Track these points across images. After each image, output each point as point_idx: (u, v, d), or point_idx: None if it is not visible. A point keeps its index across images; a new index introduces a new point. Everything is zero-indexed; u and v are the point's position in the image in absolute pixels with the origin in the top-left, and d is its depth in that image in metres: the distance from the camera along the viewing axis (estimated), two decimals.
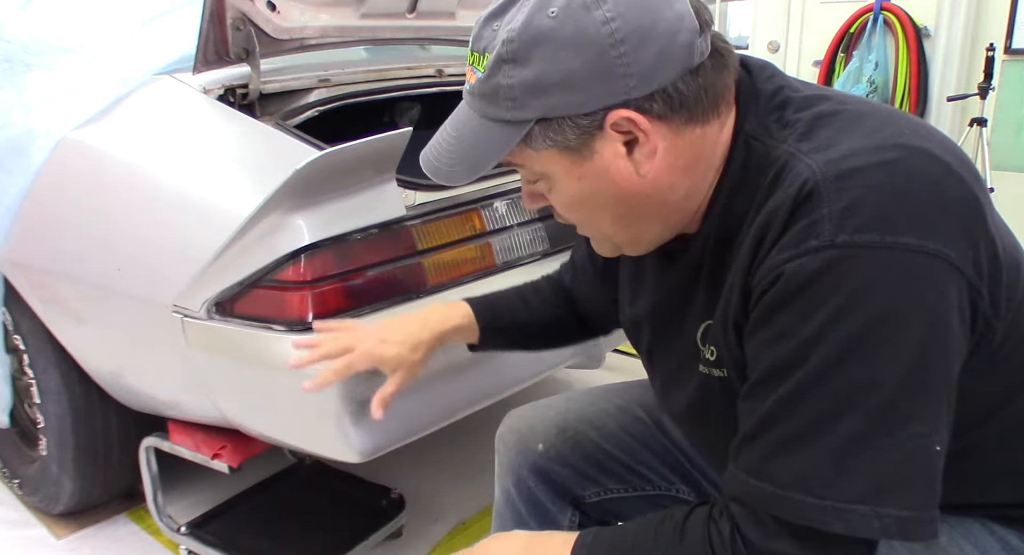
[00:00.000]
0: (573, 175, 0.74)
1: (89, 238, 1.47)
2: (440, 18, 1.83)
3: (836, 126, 0.71)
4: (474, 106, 0.74)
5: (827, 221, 0.64)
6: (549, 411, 1.17)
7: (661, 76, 0.68)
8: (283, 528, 1.71)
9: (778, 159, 0.71)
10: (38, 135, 1.50)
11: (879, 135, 0.68)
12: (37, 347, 1.67)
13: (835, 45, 3.66)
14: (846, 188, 0.64)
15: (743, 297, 0.72)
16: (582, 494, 1.13)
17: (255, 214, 1.22)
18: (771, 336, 0.67)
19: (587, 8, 0.67)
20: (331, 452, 1.34)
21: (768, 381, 0.68)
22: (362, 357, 1.05)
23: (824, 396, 0.64)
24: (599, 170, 0.73)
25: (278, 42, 1.49)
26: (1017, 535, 0.82)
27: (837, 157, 0.67)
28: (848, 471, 0.64)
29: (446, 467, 2.04)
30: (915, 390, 0.64)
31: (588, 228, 0.83)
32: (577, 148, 0.72)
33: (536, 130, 0.72)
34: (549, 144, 0.72)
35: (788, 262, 0.65)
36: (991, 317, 0.69)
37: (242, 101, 1.47)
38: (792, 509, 0.65)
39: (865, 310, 0.63)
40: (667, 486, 1.12)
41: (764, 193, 0.71)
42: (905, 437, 0.63)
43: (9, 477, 1.92)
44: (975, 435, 0.75)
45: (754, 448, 0.68)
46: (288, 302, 1.26)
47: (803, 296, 0.64)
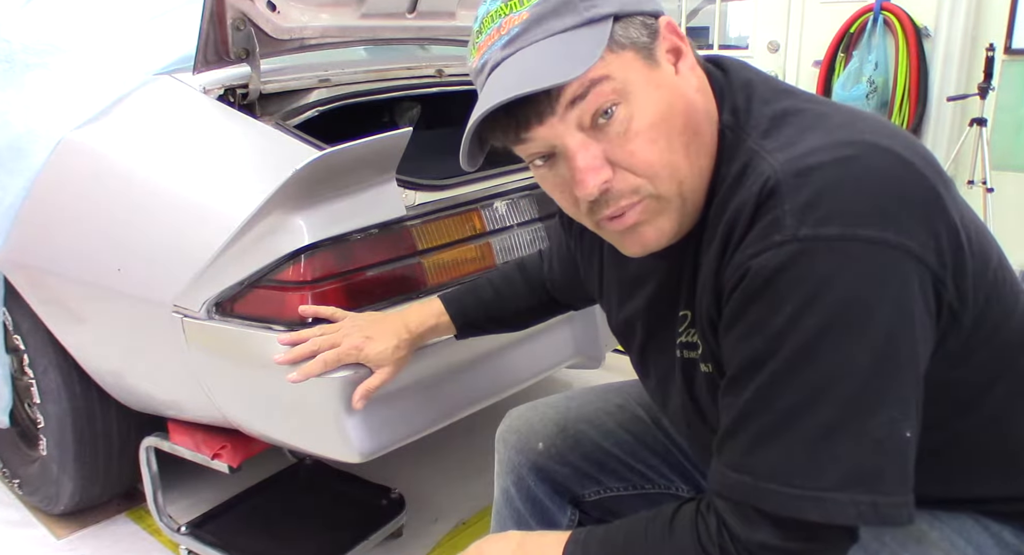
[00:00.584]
0: (652, 82, 0.72)
1: (89, 238, 1.47)
2: (440, 18, 1.83)
3: (797, 125, 0.72)
4: (538, 35, 0.70)
5: (789, 216, 0.65)
6: (549, 410, 1.17)
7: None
8: (283, 528, 1.71)
9: (743, 155, 0.73)
10: (38, 135, 1.50)
11: (839, 133, 0.70)
12: (37, 347, 1.67)
13: (835, 45, 3.66)
14: (805, 183, 0.66)
15: (715, 294, 0.73)
16: (582, 493, 1.13)
17: (255, 214, 1.22)
18: (743, 331, 0.69)
19: None
20: (331, 452, 1.35)
21: (743, 376, 0.69)
22: (349, 352, 1.11)
23: (795, 387, 0.66)
24: (669, 78, 0.73)
25: (278, 42, 1.49)
26: (1012, 531, 0.82)
27: (797, 155, 0.68)
28: (822, 460, 0.65)
29: (446, 467, 2.04)
30: (883, 378, 0.65)
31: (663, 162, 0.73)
32: (650, 49, 0.72)
33: (616, 28, 0.71)
34: (628, 43, 0.71)
35: (753, 258, 0.67)
36: (957, 307, 0.70)
37: (242, 101, 1.47)
38: (772, 500, 0.67)
39: (830, 301, 0.64)
40: (667, 485, 1.13)
41: (728, 192, 0.72)
42: (876, 424, 0.65)
43: (9, 477, 1.92)
44: (958, 425, 0.76)
45: (734, 442, 0.70)
46: (288, 302, 1.26)
47: (769, 290, 0.66)
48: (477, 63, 0.75)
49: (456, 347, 1.37)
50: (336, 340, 1.12)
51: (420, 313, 1.18)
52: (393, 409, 1.35)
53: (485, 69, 0.73)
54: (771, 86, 0.79)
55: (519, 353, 1.57)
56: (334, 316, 1.20)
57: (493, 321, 1.25)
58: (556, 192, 0.78)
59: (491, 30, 0.72)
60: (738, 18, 4.38)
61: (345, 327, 1.15)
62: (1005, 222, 3.27)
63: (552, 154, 0.74)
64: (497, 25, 0.72)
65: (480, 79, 0.75)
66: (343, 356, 1.11)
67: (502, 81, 0.71)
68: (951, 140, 3.48)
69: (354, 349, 1.11)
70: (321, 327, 1.16)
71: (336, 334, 1.13)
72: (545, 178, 0.78)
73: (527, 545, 0.82)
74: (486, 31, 0.73)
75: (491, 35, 0.72)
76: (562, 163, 0.74)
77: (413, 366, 1.32)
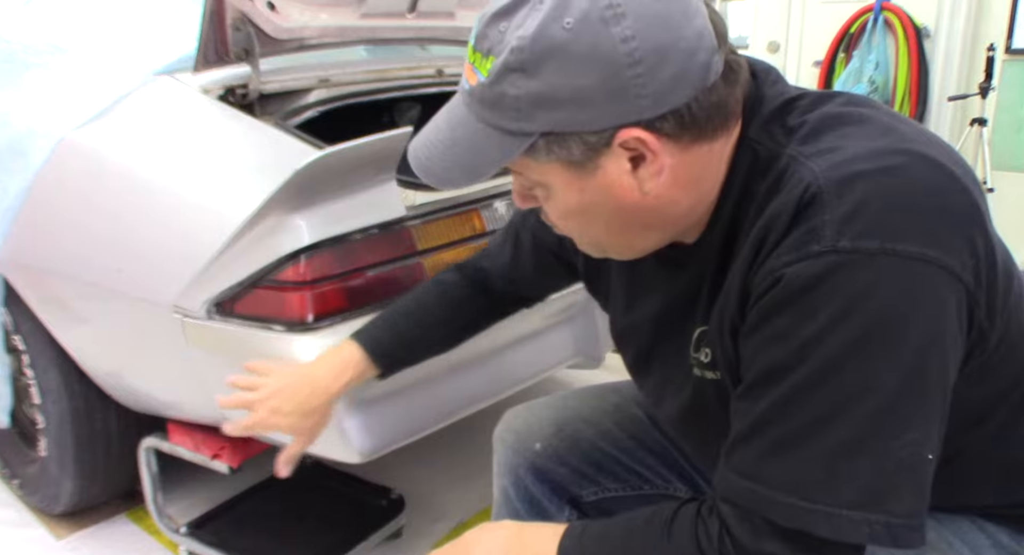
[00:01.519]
0: (574, 188, 0.72)
1: (89, 238, 1.47)
2: (440, 18, 1.83)
3: (839, 130, 0.70)
4: (473, 109, 0.71)
5: (829, 226, 0.64)
6: (546, 410, 1.17)
7: (675, 97, 0.66)
8: (283, 528, 1.71)
9: (780, 163, 0.70)
10: (38, 135, 1.50)
11: (883, 140, 0.68)
12: (37, 347, 1.66)
13: (835, 45, 3.66)
14: (848, 193, 0.64)
15: (740, 298, 0.71)
16: (580, 493, 1.13)
17: (255, 214, 1.22)
18: (768, 337, 0.67)
19: (606, 23, 0.64)
20: (331, 452, 1.35)
21: (763, 382, 0.67)
22: (259, 425, 1.07)
23: (819, 399, 0.64)
24: (602, 185, 0.71)
25: (278, 42, 1.49)
26: (1008, 533, 0.82)
27: (840, 161, 0.66)
28: (840, 476, 0.64)
29: (446, 467, 2.04)
30: (911, 398, 0.63)
31: (579, 235, 0.81)
32: (581, 163, 0.70)
33: (540, 143, 0.69)
34: (553, 158, 0.70)
35: (789, 266, 0.65)
36: (986, 327, 0.69)
37: (242, 101, 1.47)
38: (782, 511, 0.65)
39: (864, 315, 0.62)
40: (665, 485, 1.13)
41: (764, 197, 0.70)
42: (899, 445, 0.63)
43: (9, 477, 1.92)
44: (964, 441, 0.75)
45: (746, 449, 0.68)
46: (288, 302, 1.26)
47: (802, 299, 0.64)
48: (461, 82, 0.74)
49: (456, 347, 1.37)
50: (251, 404, 1.07)
51: (332, 370, 1.08)
52: (393, 409, 1.35)
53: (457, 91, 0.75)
54: (807, 97, 0.76)
55: (519, 353, 1.57)
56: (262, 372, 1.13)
57: (420, 352, 1.17)
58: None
59: (465, 64, 0.72)
60: (738, 18, 4.38)
61: (262, 393, 1.08)
62: (1005, 222, 3.25)
63: None
64: (469, 62, 0.71)
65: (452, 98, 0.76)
66: (254, 426, 1.07)
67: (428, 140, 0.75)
68: (951, 140, 3.49)
69: (262, 423, 1.06)
70: (249, 381, 1.11)
71: (253, 397, 1.08)
72: None
73: (523, 535, 0.81)
74: (468, 58, 0.72)
75: (465, 69, 0.72)
76: None
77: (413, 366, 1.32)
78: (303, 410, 1.06)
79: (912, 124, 0.73)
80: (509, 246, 1.15)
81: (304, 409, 1.06)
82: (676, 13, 0.65)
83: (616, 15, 0.64)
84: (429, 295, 1.17)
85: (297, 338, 1.25)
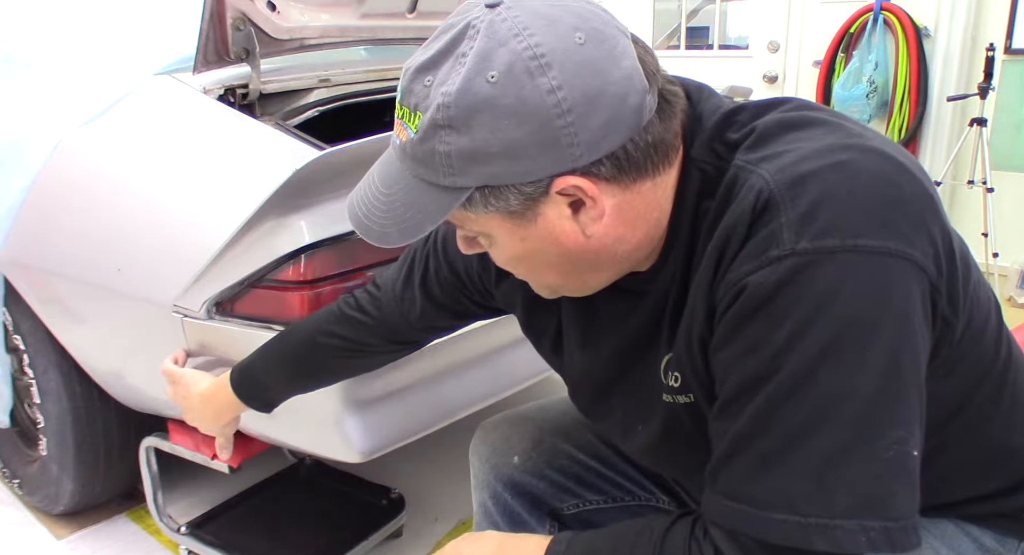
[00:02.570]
0: (516, 236, 0.71)
1: (89, 238, 1.47)
2: (440, 18, 1.83)
3: (783, 135, 0.69)
4: (406, 164, 0.70)
5: (786, 229, 0.62)
6: (523, 422, 1.14)
7: (609, 142, 0.65)
8: (283, 528, 1.71)
9: (728, 176, 0.69)
10: (38, 135, 1.50)
11: (828, 138, 0.67)
12: (37, 347, 1.67)
13: (835, 45, 3.66)
14: (801, 194, 0.63)
15: (707, 314, 0.70)
16: (560, 506, 1.10)
17: (255, 214, 1.22)
18: (738, 351, 0.65)
19: (531, 75, 0.62)
20: (331, 452, 1.35)
21: (738, 399, 0.65)
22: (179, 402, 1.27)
23: (797, 409, 0.62)
24: (543, 232, 0.70)
25: (278, 42, 1.49)
26: (992, 536, 0.81)
27: (788, 163, 0.65)
28: (830, 486, 0.62)
29: (446, 467, 2.04)
30: (889, 396, 0.62)
31: (530, 279, 0.80)
32: (521, 212, 0.68)
33: (476, 196, 0.67)
34: (491, 210, 0.68)
35: (750, 274, 0.64)
36: (950, 316, 0.68)
37: (242, 101, 1.47)
38: (775, 530, 0.63)
39: (833, 317, 0.61)
40: (647, 497, 1.11)
41: (717, 211, 0.69)
42: (884, 445, 0.62)
43: (9, 477, 1.92)
44: (939, 436, 0.74)
45: (730, 470, 0.66)
46: (288, 302, 1.26)
47: (768, 307, 0.63)
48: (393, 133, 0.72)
49: (456, 347, 1.37)
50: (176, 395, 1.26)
51: (217, 408, 1.21)
52: (393, 409, 1.35)
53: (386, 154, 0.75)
54: (746, 109, 0.74)
55: (519, 353, 1.57)
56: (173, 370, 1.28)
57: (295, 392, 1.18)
58: None
59: (396, 119, 0.70)
60: (738, 18, 4.38)
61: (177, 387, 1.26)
62: (1005, 222, 3.27)
63: None
64: (398, 118, 0.69)
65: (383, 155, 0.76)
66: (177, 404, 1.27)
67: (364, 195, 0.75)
68: (951, 140, 3.48)
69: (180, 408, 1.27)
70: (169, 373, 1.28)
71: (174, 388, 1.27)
72: None
73: (506, 547, 0.79)
74: (396, 112, 0.70)
75: (397, 123, 0.70)
76: None
77: (413, 366, 1.32)
78: (213, 428, 1.26)
79: (856, 122, 0.72)
80: (416, 294, 1.05)
81: (213, 427, 1.26)
82: (602, 58, 0.64)
83: (541, 65, 0.62)
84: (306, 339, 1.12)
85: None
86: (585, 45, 0.63)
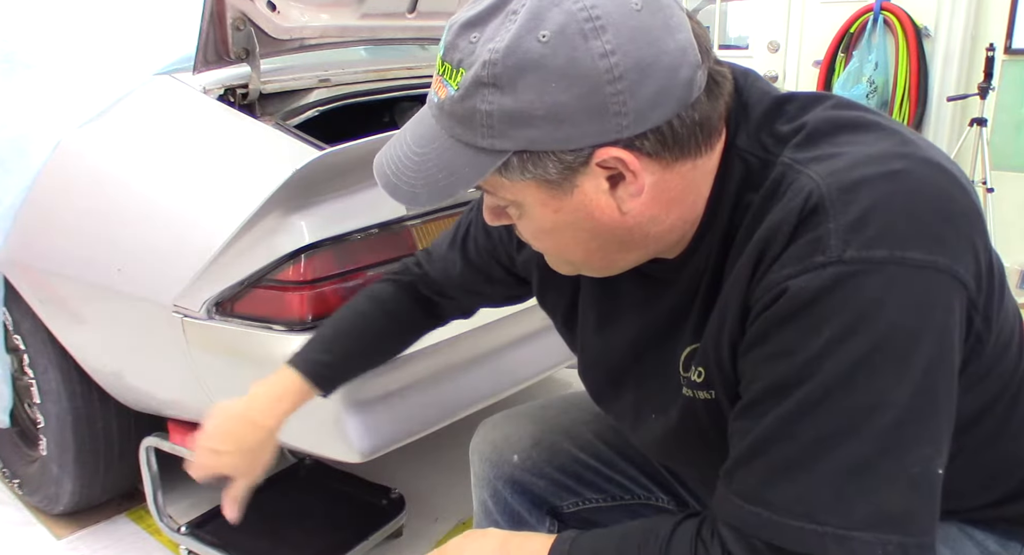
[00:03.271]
0: (549, 207, 0.69)
1: (89, 238, 1.47)
2: (440, 18, 1.83)
3: (834, 136, 0.68)
4: (443, 123, 0.67)
5: (834, 236, 0.61)
6: (523, 421, 1.14)
7: (657, 115, 0.63)
8: (283, 528, 1.71)
9: (775, 172, 0.68)
10: (38, 135, 1.50)
11: (881, 144, 0.66)
12: (37, 347, 1.67)
13: (835, 45, 3.66)
14: (853, 201, 0.61)
15: (740, 313, 0.68)
16: (560, 504, 1.10)
17: (255, 214, 1.22)
18: (771, 353, 0.64)
19: (584, 37, 0.60)
20: (331, 452, 1.35)
21: (765, 400, 0.64)
22: (201, 468, 1.06)
23: (827, 417, 0.61)
24: (579, 205, 0.68)
25: (278, 42, 1.49)
26: (996, 540, 0.81)
27: (841, 168, 0.64)
28: (851, 496, 0.61)
29: (446, 467, 2.04)
30: (921, 413, 0.61)
31: (553, 254, 0.78)
32: (558, 182, 0.66)
33: (514, 161, 0.65)
34: (527, 177, 0.66)
35: (792, 278, 0.62)
36: (983, 332, 0.67)
37: (242, 101, 1.47)
38: (790, 536, 0.62)
39: (873, 328, 0.60)
40: (646, 495, 1.10)
41: (760, 207, 0.68)
42: (911, 461, 0.61)
43: (9, 477, 1.92)
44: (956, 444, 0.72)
45: (749, 471, 0.65)
46: (288, 302, 1.26)
47: (808, 313, 0.61)
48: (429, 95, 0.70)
49: (456, 347, 1.37)
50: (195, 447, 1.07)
51: (269, 401, 1.06)
52: (393, 409, 1.35)
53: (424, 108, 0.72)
54: (795, 101, 0.73)
55: (519, 353, 1.57)
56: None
57: (363, 367, 1.15)
58: None
59: (435, 75, 0.68)
60: (738, 18, 4.37)
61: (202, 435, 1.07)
62: (1005, 222, 3.27)
63: None
64: (438, 74, 0.67)
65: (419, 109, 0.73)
66: (197, 469, 1.07)
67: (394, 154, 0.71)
68: (951, 140, 3.48)
69: (203, 467, 1.06)
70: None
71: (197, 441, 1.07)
72: None
73: (509, 545, 0.78)
74: (436, 68, 0.68)
75: (436, 80, 0.68)
76: None
77: (413, 366, 1.32)
78: (242, 448, 1.05)
79: (908, 128, 0.71)
80: (456, 256, 1.08)
81: (243, 447, 1.05)
82: (658, 27, 0.62)
83: (596, 28, 0.60)
84: (363, 310, 1.13)
85: (297, 338, 1.25)
86: (642, 12, 0.62)
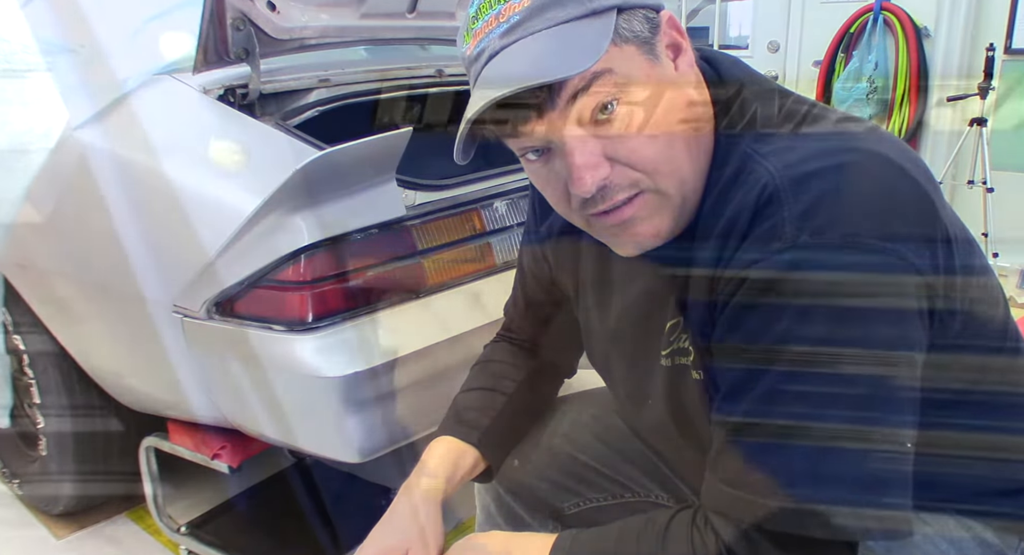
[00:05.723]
0: (653, 78, 0.70)
1: (89, 238, 1.47)
2: (440, 18, 1.83)
3: (791, 128, 0.71)
4: (538, 22, 0.66)
5: (788, 223, 0.64)
6: None
7: None
8: (283, 528, 1.72)
9: (738, 159, 0.71)
10: (38, 135, 1.50)
11: (835, 138, 0.69)
12: (37, 347, 1.67)
13: (835, 45, 3.66)
14: (804, 191, 0.65)
15: (709, 303, 0.72)
16: (561, 506, 1.11)
17: (255, 214, 1.22)
18: (739, 342, 0.68)
19: None
20: (331, 452, 1.34)
21: (738, 388, 0.68)
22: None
23: (794, 399, 0.64)
24: (669, 74, 0.71)
25: (278, 42, 1.49)
26: (993, 531, 0.81)
27: (794, 160, 0.67)
28: (826, 475, 0.64)
29: None
30: (885, 388, 0.64)
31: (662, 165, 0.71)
32: (651, 44, 0.69)
33: (619, 20, 0.67)
34: (631, 36, 0.68)
35: (751, 266, 0.66)
36: (946, 315, 0.70)
37: (242, 101, 1.47)
38: (772, 517, 0.65)
39: (830, 311, 0.63)
40: (646, 493, 1.11)
41: (723, 193, 0.71)
42: (879, 437, 0.64)
43: (9, 477, 1.92)
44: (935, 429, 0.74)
45: (729, 457, 0.68)
46: (288, 302, 1.26)
47: (767, 299, 0.65)
48: (472, 51, 0.71)
49: (455, 347, 1.37)
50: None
51: (433, 509, 1.02)
52: (393, 409, 1.35)
53: (481, 58, 0.70)
54: (762, 86, 0.76)
55: None
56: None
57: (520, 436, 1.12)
58: (548, 187, 0.75)
59: (488, 16, 0.69)
60: (738, 18, 4.37)
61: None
62: (1005, 222, 3.27)
63: (547, 149, 0.71)
64: (496, 12, 0.68)
65: (475, 68, 0.71)
66: None
67: (502, 71, 0.67)
68: (951, 140, 3.48)
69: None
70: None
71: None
72: (537, 173, 0.74)
73: (511, 546, 0.80)
74: (483, 17, 0.70)
75: (488, 22, 0.69)
76: (558, 159, 0.71)
77: (412, 367, 1.32)
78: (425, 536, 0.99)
79: (864, 122, 0.74)
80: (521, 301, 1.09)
81: (424, 535, 0.99)
82: None
83: None
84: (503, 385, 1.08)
85: (297, 338, 1.25)
86: None
